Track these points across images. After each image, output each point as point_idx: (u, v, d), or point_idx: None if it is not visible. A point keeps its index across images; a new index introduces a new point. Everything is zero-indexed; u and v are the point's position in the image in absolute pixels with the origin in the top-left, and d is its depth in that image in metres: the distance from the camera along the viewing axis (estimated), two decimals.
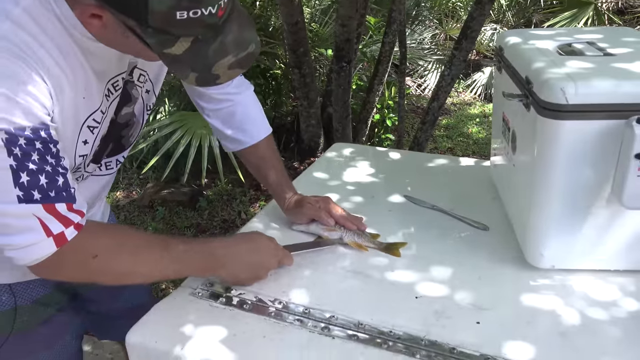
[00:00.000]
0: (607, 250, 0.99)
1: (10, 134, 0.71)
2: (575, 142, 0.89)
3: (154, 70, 1.01)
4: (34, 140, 0.74)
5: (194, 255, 0.94)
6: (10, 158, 0.72)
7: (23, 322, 1.03)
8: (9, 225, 0.76)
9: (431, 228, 1.19)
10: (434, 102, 3.18)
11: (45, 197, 0.76)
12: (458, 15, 5.94)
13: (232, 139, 1.19)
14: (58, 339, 1.10)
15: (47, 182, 0.76)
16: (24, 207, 0.75)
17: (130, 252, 0.88)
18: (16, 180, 0.73)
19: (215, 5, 0.71)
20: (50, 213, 0.77)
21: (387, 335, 0.88)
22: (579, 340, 0.87)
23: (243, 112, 1.17)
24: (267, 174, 1.21)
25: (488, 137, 4.52)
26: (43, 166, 0.76)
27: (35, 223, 0.77)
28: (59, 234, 0.79)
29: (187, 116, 3.29)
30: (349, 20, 2.96)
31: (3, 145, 0.71)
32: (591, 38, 1.11)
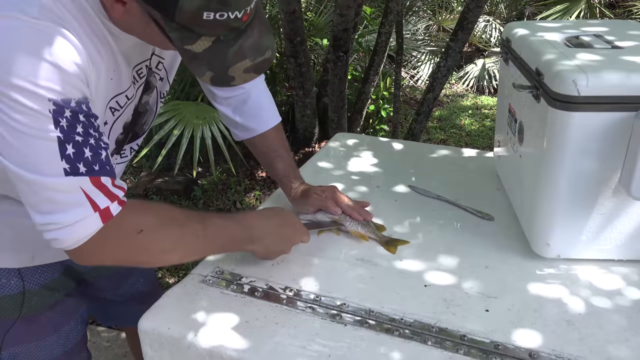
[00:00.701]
0: (611, 241, 1.01)
1: (57, 105, 0.71)
2: (585, 133, 0.90)
3: (169, 58, 1.01)
4: (79, 113, 0.74)
5: (232, 228, 0.96)
6: (57, 129, 0.71)
7: (31, 306, 1.03)
8: (55, 201, 0.75)
9: (437, 218, 1.20)
10: (429, 93, 3.19)
11: (90, 170, 0.75)
12: (451, 7, 5.95)
13: (242, 127, 1.18)
14: (64, 324, 1.10)
15: (92, 154, 0.75)
16: (70, 180, 0.73)
17: (175, 227, 0.88)
18: (62, 152, 0.72)
19: (242, 10, 0.72)
20: (96, 187, 0.76)
21: (399, 323, 0.90)
22: (585, 328, 0.88)
23: (254, 100, 1.17)
24: (274, 163, 1.21)
25: (480, 129, 4.56)
26: (88, 139, 0.75)
27: (82, 197, 0.75)
28: (105, 208, 0.77)
29: (180, 105, 3.27)
30: (347, 10, 2.95)
31: (50, 116, 0.70)
32: (597, 31, 1.12)
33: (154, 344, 0.92)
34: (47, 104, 0.70)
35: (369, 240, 1.12)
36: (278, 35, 3.80)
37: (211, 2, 0.69)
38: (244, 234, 0.97)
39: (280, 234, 1.02)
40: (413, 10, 5.31)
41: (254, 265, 1.05)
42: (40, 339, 1.07)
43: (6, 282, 1.00)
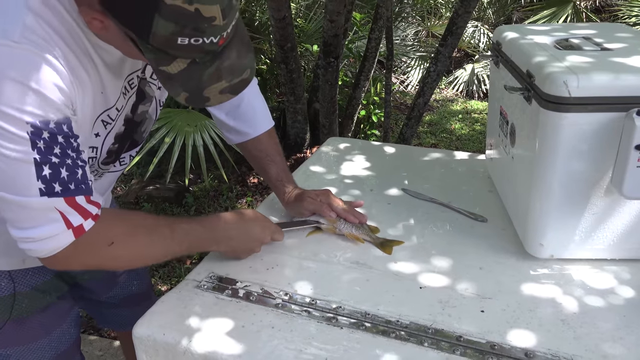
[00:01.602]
0: (603, 240, 1.02)
1: (35, 127, 0.72)
2: (577, 134, 0.91)
3: None
4: (57, 134, 0.75)
5: (197, 231, 0.98)
6: (34, 151, 0.73)
7: (21, 308, 1.03)
8: (30, 218, 0.77)
9: (430, 220, 1.20)
10: (419, 98, 3.21)
11: (65, 189, 0.77)
12: (440, 13, 5.99)
13: (235, 131, 1.19)
14: (56, 326, 1.10)
15: (68, 174, 0.77)
16: (45, 200, 0.76)
17: (143, 235, 0.91)
18: (39, 173, 0.74)
19: (218, 36, 0.72)
20: (70, 206, 0.78)
21: (395, 325, 0.90)
22: (580, 327, 0.89)
23: (248, 103, 1.17)
24: (267, 168, 1.21)
25: (470, 133, 4.58)
26: (64, 160, 0.77)
27: (57, 215, 0.78)
28: (78, 226, 0.80)
29: (172, 113, 3.27)
30: (337, 16, 2.96)
31: (28, 138, 0.72)
32: (586, 33, 1.14)
33: (149, 350, 0.91)
34: (25, 126, 0.72)
35: (364, 243, 1.12)
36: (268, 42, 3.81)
37: (185, 29, 0.69)
38: (209, 235, 1.00)
39: (246, 233, 1.03)
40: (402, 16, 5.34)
41: (249, 270, 1.04)
42: (31, 341, 1.06)
43: None
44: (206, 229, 1.00)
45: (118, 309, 1.29)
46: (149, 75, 0.98)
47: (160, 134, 3.11)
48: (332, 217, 1.14)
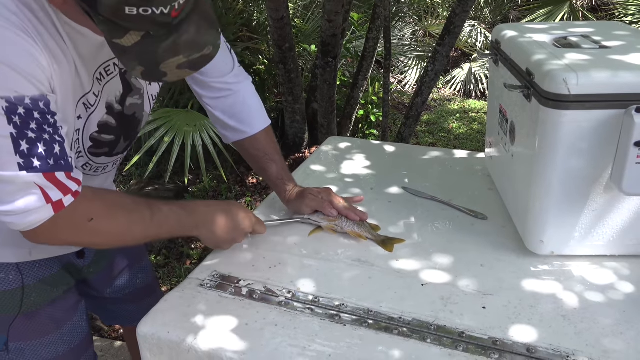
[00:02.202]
0: (603, 237, 1.02)
1: (10, 103, 0.74)
2: (576, 131, 0.92)
3: None
4: (33, 110, 0.76)
5: (178, 214, 0.98)
6: (11, 126, 0.74)
7: (30, 302, 1.04)
8: (9, 192, 0.78)
9: (431, 218, 1.21)
10: (417, 97, 3.22)
11: (44, 165, 0.78)
12: (437, 13, 6.00)
13: (232, 129, 1.19)
14: (66, 320, 1.11)
15: (45, 149, 0.78)
16: (24, 175, 0.77)
17: (123, 213, 0.92)
18: (16, 148, 0.75)
19: (168, 6, 0.70)
20: (50, 181, 0.79)
21: (397, 321, 0.91)
22: (580, 322, 0.90)
23: (243, 102, 1.18)
24: (267, 167, 1.22)
25: (468, 132, 4.59)
26: (41, 135, 0.77)
27: (36, 190, 0.79)
28: (57, 201, 0.81)
29: (171, 113, 3.27)
30: (335, 16, 2.97)
31: (3, 113, 0.74)
32: (584, 32, 1.15)
33: (153, 348, 0.91)
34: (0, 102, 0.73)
35: (366, 240, 1.13)
36: (266, 42, 3.82)
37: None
38: (188, 219, 1.00)
39: (226, 220, 1.03)
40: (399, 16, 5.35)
41: (252, 268, 1.05)
42: (43, 335, 1.07)
43: (5, 277, 1.01)
44: (187, 213, 1.00)
45: (123, 304, 1.29)
46: None
47: (159, 134, 3.11)
48: (333, 215, 1.15)
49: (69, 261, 1.12)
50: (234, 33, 3.59)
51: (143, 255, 1.37)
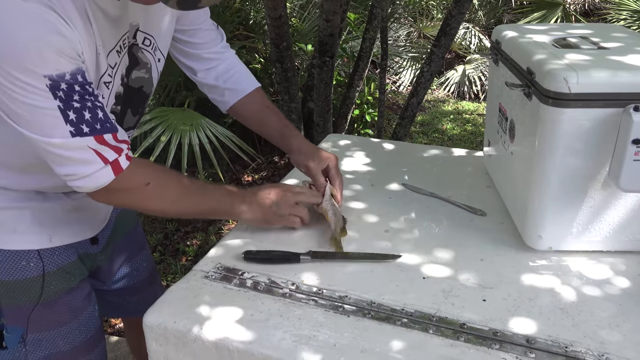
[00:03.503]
0: (600, 233, 1.05)
1: (53, 80, 0.81)
2: (576, 129, 0.94)
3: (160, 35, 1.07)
4: (73, 84, 0.83)
5: (222, 190, 1.08)
6: (57, 100, 0.82)
7: (50, 290, 1.06)
8: (70, 158, 0.87)
9: (431, 214, 1.23)
10: (412, 97, 3.25)
11: (93, 129, 0.86)
12: (432, 14, 6.04)
13: (230, 91, 1.24)
14: (83, 310, 1.13)
15: (91, 116, 0.86)
16: (78, 140, 0.85)
17: (175, 182, 1.01)
18: (66, 118, 0.83)
19: None
20: (101, 143, 0.88)
21: (400, 313, 0.92)
22: (578, 315, 0.92)
23: (234, 66, 1.25)
24: (269, 118, 1.26)
25: (462, 133, 4.63)
26: (85, 103, 0.85)
27: (91, 154, 0.87)
28: (114, 161, 0.90)
29: (167, 112, 3.27)
30: (333, 16, 2.99)
31: (48, 90, 0.81)
32: (583, 33, 1.17)
33: (159, 338, 0.93)
34: (42, 79, 0.80)
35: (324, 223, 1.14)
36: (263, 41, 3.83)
37: None
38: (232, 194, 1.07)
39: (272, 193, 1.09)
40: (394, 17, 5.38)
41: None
42: (61, 324, 1.09)
43: (26, 265, 1.03)
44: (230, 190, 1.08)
45: (126, 296, 1.31)
46: (140, 42, 1.03)
47: (156, 133, 3.11)
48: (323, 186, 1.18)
49: (84, 249, 1.14)
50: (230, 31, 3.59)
51: (145, 243, 1.39)
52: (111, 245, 1.23)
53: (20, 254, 1.03)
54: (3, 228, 1.01)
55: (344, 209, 1.23)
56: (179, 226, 3.06)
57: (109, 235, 1.22)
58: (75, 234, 1.10)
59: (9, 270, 1.02)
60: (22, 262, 1.03)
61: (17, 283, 1.03)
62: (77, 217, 1.11)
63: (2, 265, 1.01)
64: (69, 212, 1.09)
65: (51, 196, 1.06)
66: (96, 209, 1.16)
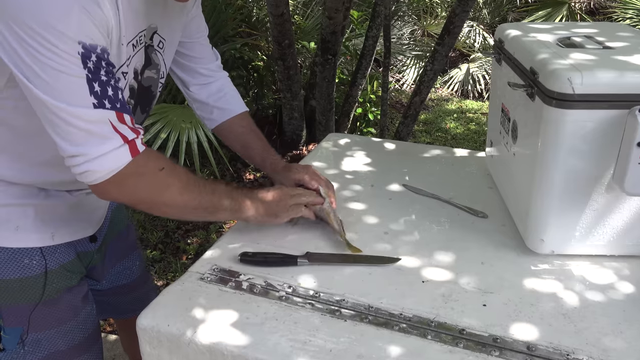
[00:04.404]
0: (603, 237, 1.03)
1: (86, 49, 0.80)
2: (580, 130, 0.92)
3: (171, 41, 1.09)
4: (102, 59, 0.82)
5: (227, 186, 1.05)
6: (85, 69, 0.80)
7: (52, 288, 1.05)
8: (88, 131, 0.83)
9: (432, 216, 1.21)
10: (416, 96, 3.23)
11: (114, 106, 0.84)
12: (436, 12, 6.01)
13: (219, 110, 1.26)
14: (82, 308, 1.12)
15: (113, 93, 0.84)
16: (99, 112, 0.83)
17: (184, 172, 0.98)
18: (91, 88, 0.81)
19: None
20: (121, 121, 0.86)
21: (398, 318, 0.91)
22: (581, 321, 0.90)
23: (226, 87, 1.28)
24: (252, 141, 1.28)
25: (465, 132, 4.61)
26: (110, 80, 0.84)
27: (111, 129, 0.84)
28: (131, 140, 0.87)
29: (167, 109, 3.26)
30: (335, 13, 2.97)
31: (79, 57, 0.79)
32: (587, 32, 1.15)
33: (152, 341, 0.91)
34: (76, 46, 0.78)
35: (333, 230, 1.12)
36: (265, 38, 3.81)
37: None
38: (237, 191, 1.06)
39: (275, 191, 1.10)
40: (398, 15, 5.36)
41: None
42: (62, 323, 1.08)
43: (29, 263, 1.02)
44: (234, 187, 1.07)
45: (119, 296, 1.30)
46: (156, 44, 1.04)
47: (155, 129, 3.10)
48: (313, 187, 1.17)
49: (82, 247, 1.14)
50: (233, 28, 3.58)
51: (135, 242, 1.38)
52: (106, 244, 1.23)
53: (23, 251, 1.01)
54: (6, 225, 1.00)
55: (342, 210, 1.21)
56: (179, 224, 3.05)
57: (105, 234, 1.21)
58: (76, 232, 1.10)
59: (12, 268, 1.01)
60: (24, 260, 1.01)
61: (20, 281, 1.01)
62: (78, 214, 1.10)
63: (4, 264, 1.00)
64: (71, 209, 1.08)
65: (53, 193, 1.04)
66: (96, 206, 1.15)
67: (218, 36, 3.51)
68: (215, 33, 3.49)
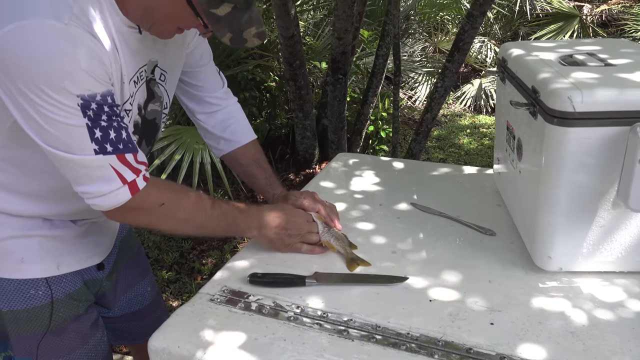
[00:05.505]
0: (612, 253, 1.02)
1: (84, 100, 0.86)
2: (582, 148, 0.93)
3: (173, 73, 1.11)
4: (103, 105, 0.88)
5: (235, 212, 1.10)
6: (85, 118, 0.86)
7: (59, 317, 1.07)
8: (90, 175, 0.90)
9: (439, 234, 1.22)
10: (427, 113, 3.24)
11: (116, 148, 0.90)
12: (447, 29, 6.04)
13: (225, 140, 1.28)
14: (91, 336, 1.14)
15: (115, 135, 0.90)
16: (100, 158, 0.89)
17: (189, 202, 1.03)
18: (92, 136, 0.87)
19: None
20: (122, 162, 0.91)
21: (405, 337, 0.91)
22: (589, 339, 0.90)
23: (233, 116, 1.29)
24: (256, 173, 1.29)
25: (479, 147, 4.59)
26: (111, 123, 0.90)
27: (112, 173, 0.91)
28: (132, 181, 0.93)
29: (181, 130, 3.31)
30: (345, 34, 3.01)
31: (79, 109, 0.85)
32: (590, 49, 1.16)
33: None
34: (75, 99, 0.85)
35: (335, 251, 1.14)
36: (277, 59, 3.86)
37: None
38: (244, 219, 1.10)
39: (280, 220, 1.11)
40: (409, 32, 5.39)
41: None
42: (70, 351, 1.10)
43: (35, 293, 1.04)
44: (243, 213, 1.10)
45: (131, 322, 1.31)
46: (157, 77, 1.07)
47: (169, 151, 3.15)
48: (316, 209, 1.18)
49: (90, 275, 1.15)
50: (245, 50, 3.64)
51: (148, 268, 1.40)
52: (116, 271, 1.24)
53: (29, 282, 1.04)
54: (11, 257, 1.02)
55: (350, 230, 1.22)
56: (194, 244, 3.08)
57: (114, 261, 1.22)
58: (82, 261, 1.12)
59: (18, 299, 1.03)
60: (30, 291, 1.04)
61: (26, 312, 1.04)
62: (84, 243, 1.12)
63: (11, 295, 1.03)
64: (76, 239, 1.10)
65: (58, 224, 1.07)
66: (102, 234, 1.17)
67: (231, 58, 3.57)
68: (228, 55, 3.56)
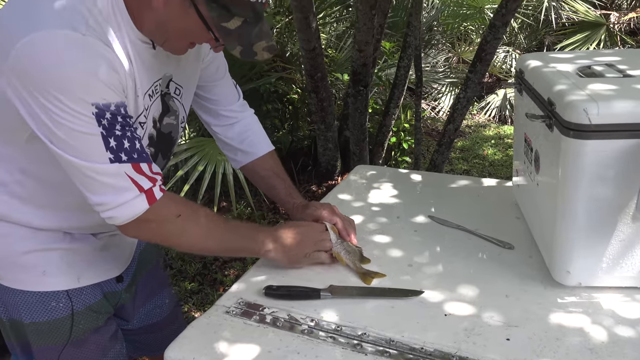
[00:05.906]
0: (632, 268, 1.00)
1: (99, 109, 0.87)
2: (599, 160, 0.91)
3: (188, 87, 1.13)
4: (117, 114, 0.90)
5: (249, 229, 1.11)
6: (100, 127, 0.88)
7: (79, 329, 1.10)
8: (106, 184, 0.91)
9: (457, 247, 1.21)
10: (449, 124, 3.22)
11: (130, 158, 0.91)
12: (470, 39, 6.01)
13: (243, 152, 1.29)
14: (111, 347, 1.16)
15: (130, 145, 0.91)
16: (116, 167, 0.90)
17: (204, 217, 1.04)
18: (106, 144, 0.89)
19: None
20: (137, 171, 0.92)
21: (419, 352, 0.90)
22: (609, 356, 0.88)
23: (250, 128, 1.30)
24: (276, 184, 1.30)
25: (504, 158, 4.54)
26: (125, 133, 0.91)
27: (127, 181, 0.91)
28: (148, 190, 0.93)
29: (204, 142, 3.36)
30: (365, 46, 3.02)
31: (94, 117, 0.87)
32: (610, 60, 1.14)
33: None
34: (90, 107, 0.86)
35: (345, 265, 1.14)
36: (300, 72, 3.89)
37: None
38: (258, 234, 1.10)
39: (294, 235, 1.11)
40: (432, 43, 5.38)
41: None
42: None
43: (56, 305, 1.07)
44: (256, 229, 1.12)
45: (150, 334, 1.33)
46: (172, 91, 1.08)
47: (192, 162, 3.20)
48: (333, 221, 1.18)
49: (109, 288, 1.17)
50: (268, 63, 3.68)
51: (166, 280, 1.42)
52: (135, 283, 1.26)
53: (50, 295, 1.06)
54: (33, 271, 1.05)
55: (366, 242, 1.22)
56: (217, 256, 3.11)
57: (133, 273, 1.24)
58: (102, 273, 1.14)
59: (40, 311, 1.06)
60: (52, 303, 1.06)
61: (48, 324, 1.06)
62: (104, 256, 1.14)
63: (33, 307, 1.06)
64: (96, 252, 1.12)
65: (78, 237, 1.10)
66: (122, 247, 1.19)
67: (253, 71, 3.61)
68: (250, 69, 3.60)
